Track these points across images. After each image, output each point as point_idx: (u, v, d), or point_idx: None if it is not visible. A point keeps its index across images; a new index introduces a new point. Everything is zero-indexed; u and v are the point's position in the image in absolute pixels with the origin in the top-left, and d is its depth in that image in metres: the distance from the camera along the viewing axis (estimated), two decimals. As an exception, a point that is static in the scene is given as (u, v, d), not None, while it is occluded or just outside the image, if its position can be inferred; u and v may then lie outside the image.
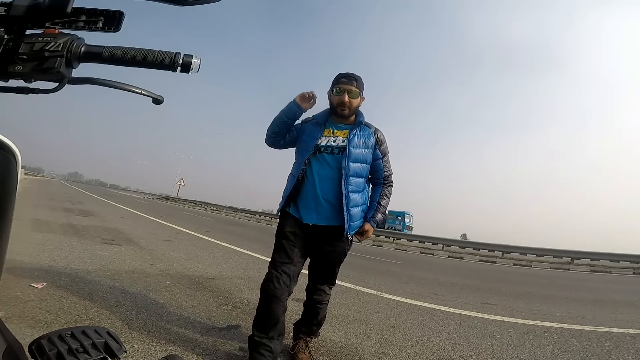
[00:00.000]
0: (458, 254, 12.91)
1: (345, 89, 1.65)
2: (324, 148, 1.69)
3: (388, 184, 1.83)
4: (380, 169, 1.79)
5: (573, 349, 2.56)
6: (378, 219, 1.77)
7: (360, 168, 1.70)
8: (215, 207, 30.52)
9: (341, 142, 1.69)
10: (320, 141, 1.70)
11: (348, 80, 1.66)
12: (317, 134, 1.71)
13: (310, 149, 1.68)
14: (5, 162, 0.49)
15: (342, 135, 1.71)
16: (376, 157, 1.76)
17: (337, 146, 1.69)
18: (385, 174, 1.81)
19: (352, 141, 1.68)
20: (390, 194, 1.84)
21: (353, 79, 1.66)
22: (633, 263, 12.12)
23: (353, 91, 1.66)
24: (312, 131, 1.74)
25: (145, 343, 1.81)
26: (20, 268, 2.87)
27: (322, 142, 1.70)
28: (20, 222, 5.28)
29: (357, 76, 1.68)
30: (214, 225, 11.44)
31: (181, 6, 0.52)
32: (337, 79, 1.68)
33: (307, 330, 1.88)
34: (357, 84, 1.67)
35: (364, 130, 1.73)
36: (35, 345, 0.51)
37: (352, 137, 1.68)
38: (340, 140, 1.70)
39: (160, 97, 0.54)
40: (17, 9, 0.48)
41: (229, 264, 4.49)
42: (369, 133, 1.74)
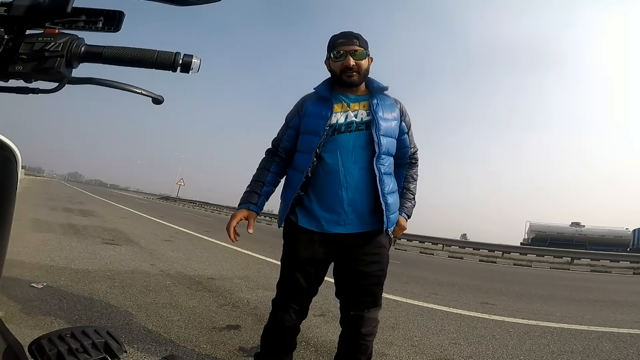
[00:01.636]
0: (458, 254, 12.90)
1: (347, 50, 1.29)
2: (345, 126, 1.31)
3: (414, 163, 1.53)
4: (407, 146, 1.46)
5: (573, 349, 2.56)
6: (408, 208, 1.46)
7: (391, 143, 1.37)
8: (215, 207, 30.51)
9: (366, 115, 1.32)
10: (333, 119, 1.31)
11: (347, 39, 1.30)
12: (326, 112, 1.32)
13: (321, 133, 1.29)
14: (5, 162, 0.49)
15: (361, 107, 1.34)
16: (402, 131, 1.43)
17: (360, 121, 1.32)
18: (411, 150, 1.49)
19: (378, 111, 1.32)
20: (417, 175, 1.54)
21: (353, 37, 1.31)
22: (633, 263, 12.12)
23: (358, 51, 1.30)
24: (317, 110, 1.35)
25: (145, 343, 1.81)
26: (20, 268, 2.87)
27: (338, 120, 1.32)
28: (20, 222, 5.28)
29: (357, 33, 1.33)
30: (214, 225, 11.44)
31: (181, 6, 0.52)
32: (333, 41, 1.32)
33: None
34: (359, 41, 1.31)
35: (385, 99, 1.39)
36: (35, 345, 0.51)
37: (375, 106, 1.33)
38: (364, 114, 1.33)
39: (160, 97, 0.54)
40: (17, 9, 0.48)
41: (229, 264, 4.49)
42: (391, 103, 1.40)
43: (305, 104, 1.40)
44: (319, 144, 1.29)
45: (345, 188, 1.28)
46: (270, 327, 1.41)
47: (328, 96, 1.35)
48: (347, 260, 1.33)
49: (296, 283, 1.34)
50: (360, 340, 1.35)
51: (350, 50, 1.29)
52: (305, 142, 1.34)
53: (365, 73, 1.35)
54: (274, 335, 1.40)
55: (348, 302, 1.36)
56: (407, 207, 1.46)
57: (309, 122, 1.36)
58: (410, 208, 1.47)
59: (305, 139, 1.35)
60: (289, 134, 1.42)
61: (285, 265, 1.38)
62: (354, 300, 1.35)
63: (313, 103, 1.38)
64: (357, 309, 1.34)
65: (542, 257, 13.48)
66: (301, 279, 1.33)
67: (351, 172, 1.28)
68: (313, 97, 1.41)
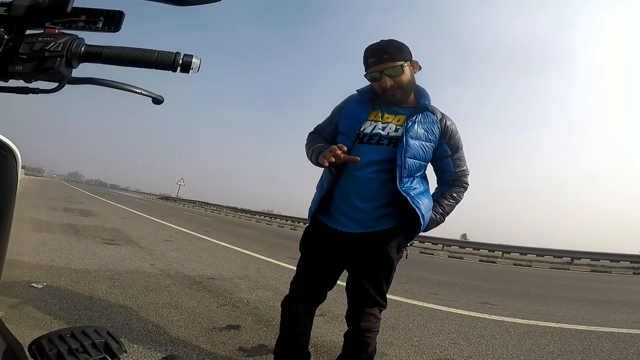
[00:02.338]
0: (458, 254, 12.90)
1: (380, 70, 1.21)
2: (368, 137, 1.26)
3: (460, 184, 1.42)
4: (450, 170, 1.38)
5: (573, 349, 2.56)
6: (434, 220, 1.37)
7: (418, 166, 1.28)
8: (215, 207, 30.52)
9: (393, 130, 1.25)
10: (363, 127, 1.27)
11: (377, 58, 1.21)
12: (362, 115, 1.28)
13: (352, 137, 1.27)
14: (5, 162, 0.49)
15: (395, 122, 1.27)
16: (444, 154, 1.34)
17: (386, 135, 1.25)
18: (457, 174, 1.39)
19: (411, 130, 1.23)
20: (459, 197, 1.42)
21: (383, 53, 1.20)
22: (633, 263, 12.11)
23: (391, 68, 1.20)
24: (355, 112, 1.30)
25: (145, 343, 1.81)
26: (20, 268, 2.87)
27: (365, 129, 1.27)
28: (20, 222, 5.28)
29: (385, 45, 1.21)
30: (214, 225, 11.44)
31: (181, 6, 0.52)
32: (365, 61, 1.25)
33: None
34: (390, 56, 1.20)
35: (428, 116, 1.28)
36: (35, 345, 0.51)
37: (410, 124, 1.24)
38: (393, 128, 1.26)
39: (160, 97, 0.54)
40: (17, 9, 0.48)
41: (229, 264, 4.49)
42: (433, 120, 1.29)
43: (349, 103, 1.37)
44: (350, 147, 1.25)
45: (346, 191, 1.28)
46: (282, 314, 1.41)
47: (368, 99, 1.32)
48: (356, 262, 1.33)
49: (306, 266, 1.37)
50: (360, 336, 1.34)
51: (382, 69, 1.21)
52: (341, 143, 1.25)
53: (409, 85, 1.27)
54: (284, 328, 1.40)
55: (352, 299, 1.38)
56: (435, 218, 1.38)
57: (345, 123, 1.34)
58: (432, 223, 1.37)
59: (341, 140, 1.30)
60: (331, 129, 1.42)
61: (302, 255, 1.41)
62: (356, 298, 1.36)
63: (355, 104, 1.35)
64: (357, 304, 1.36)
65: (542, 257, 13.46)
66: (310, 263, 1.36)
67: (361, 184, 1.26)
68: (357, 97, 1.36)
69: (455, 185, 1.42)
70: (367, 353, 1.37)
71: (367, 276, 1.31)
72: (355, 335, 1.36)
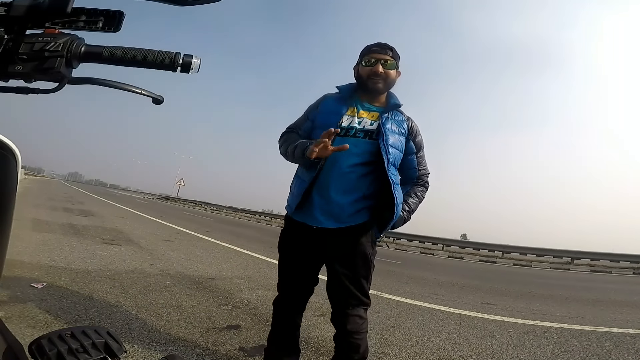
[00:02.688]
0: (458, 254, 12.90)
1: (378, 58, 1.32)
2: (345, 130, 1.33)
3: (422, 183, 1.49)
4: (414, 167, 1.46)
5: (573, 349, 2.56)
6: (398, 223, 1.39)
7: (398, 156, 1.37)
8: (215, 207, 30.52)
9: (368, 124, 1.34)
10: (341, 121, 1.34)
11: (381, 48, 1.34)
12: (342, 109, 1.36)
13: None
14: (5, 162, 0.49)
15: (369, 117, 1.36)
16: (409, 151, 1.42)
17: (362, 129, 1.33)
18: (420, 172, 1.47)
19: (387, 123, 1.34)
20: (422, 196, 1.49)
21: (387, 48, 1.35)
22: (633, 263, 12.11)
23: (389, 61, 1.33)
24: (333, 107, 1.39)
25: (145, 343, 1.81)
26: (20, 268, 2.87)
27: (342, 123, 1.34)
28: (20, 222, 5.28)
29: (391, 46, 1.36)
30: (214, 225, 11.44)
31: (181, 6, 0.52)
32: (367, 49, 1.36)
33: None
34: (392, 53, 1.35)
35: (397, 115, 1.40)
36: (35, 345, 0.51)
37: (385, 119, 1.34)
38: (368, 122, 1.34)
39: (160, 97, 0.54)
40: (17, 9, 0.48)
41: (229, 264, 4.49)
42: (402, 118, 1.40)
43: (327, 99, 1.45)
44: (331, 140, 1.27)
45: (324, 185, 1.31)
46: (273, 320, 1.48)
47: (347, 96, 1.40)
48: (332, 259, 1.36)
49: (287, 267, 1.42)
50: (349, 338, 1.37)
51: (382, 59, 1.33)
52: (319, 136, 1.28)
53: (391, 84, 1.38)
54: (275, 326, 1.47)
55: (334, 300, 1.40)
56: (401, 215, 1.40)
57: (324, 117, 1.39)
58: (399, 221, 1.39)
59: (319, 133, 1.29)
60: (307, 126, 1.46)
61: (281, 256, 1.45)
62: (338, 299, 1.38)
63: (334, 100, 1.42)
64: (340, 306, 1.38)
65: (542, 257, 13.46)
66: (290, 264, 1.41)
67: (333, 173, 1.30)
68: (335, 95, 1.45)
69: (418, 185, 1.49)
70: (359, 354, 1.38)
71: (347, 274, 1.34)
72: (345, 338, 1.37)
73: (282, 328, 1.45)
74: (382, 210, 1.33)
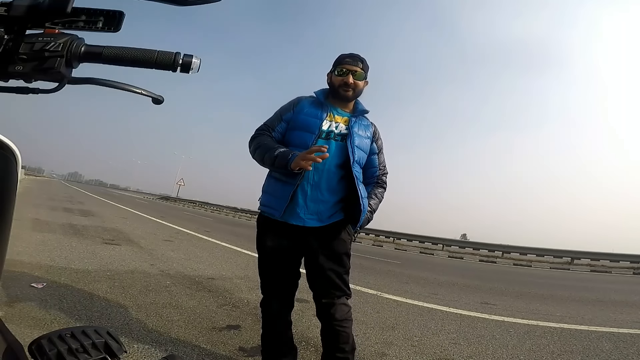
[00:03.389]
0: (458, 254, 12.91)
1: (349, 69, 1.45)
2: (326, 134, 1.44)
3: (381, 184, 1.61)
4: (375, 166, 1.59)
5: (573, 349, 2.56)
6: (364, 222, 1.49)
7: (363, 157, 1.52)
8: (215, 207, 30.51)
9: (343, 129, 1.48)
10: (323, 124, 1.45)
11: (353, 60, 1.47)
12: (321, 114, 1.47)
13: (315, 132, 1.41)
14: (5, 162, 0.49)
15: (342, 122, 1.49)
16: (372, 151, 1.57)
17: (339, 133, 1.46)
18: (379, 172, 1.60)
19: (354, 126, 1.49)
20: (381, 196, 1.60)
21: (358, 60, 1.48)
22: (633, 263, 12.11)
23: (358, 72, 1.47)
24: (313, 110, 1.48)
25: (145, 343, 1.81)
26: (20, 268, 2.87)
27: (325, 127, 1.45)
28: (20, 222, 5.28)
29: (362, 57, 1.49)
30: (214, 225, 11.44)
31: (181, 6, 0.52)
32: (341, 59, 1.48)
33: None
34: (362, 65, 1.48)
35: (363, 120, 1.56)
36: (35, 345, 0.51)
37: (353, 122, 1.50)
38: (342, 127, 1.48)
39: (160, 97, 0.54)
40: (17, 9, 0.48)
41: (229, 264, 4.49)
42: (367, 123, 1.57)
43: (302, 102, 1.52)
44: (313, 141, 1.40)
45: (311, 185, 1.40)
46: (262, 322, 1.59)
47: (324, 101, 1.51)
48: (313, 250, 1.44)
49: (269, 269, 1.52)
50: (337, 327, 1.45)
51: (353, 70, 1.46)
52: (300, 137, 1.43)
53: (359, 93, 1.52)
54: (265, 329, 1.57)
55: (320, 293, 1.48)
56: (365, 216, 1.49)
57: (303, 120, 1.46)
58: (366, 220, 1.50)
59: (300, 135, 1.44)
60: (281, 126, 1.51)
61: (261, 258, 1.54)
62: (324, 291, 1.47)
63: (310, 104, 1.51)
64: (327, 298, 1.47)
65: (542, 257, 13.46)
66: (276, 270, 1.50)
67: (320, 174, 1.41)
68: (309, 99, 1.54)
69: (378, 186, 1.61)
70: (349, 344, 1.48)
71: (332, 268, 1.45)
72: (334, 328, 1.46)
73: (274, 329, 1.51)
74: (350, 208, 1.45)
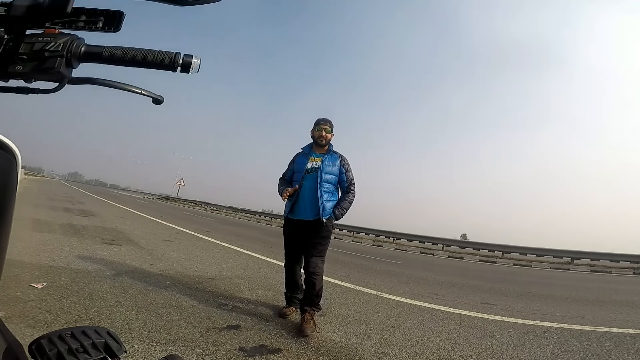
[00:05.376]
0: (458, 254, 12.91)
1: (323, 127, 2.60)
2: (309, 170, 2.59)
3: (349, 191, 2.63)
4: (344, 180, 2.64)
5: (573, 349, 2.56)
6: (336, 213, 2.55)
7: (330, 179, 2.57)
8: (215, 207, 30.52)
9: (318, 164, 2.59)
10: (307, 166, 2.59)
11: (324, 122, 2.62)
12: (305, 161, 2.62)
13: (303, 171, 2.59)
14: (5, 162, 0.49)
15: (318, 160, 2.60)
16: (341, 172, 2.63)
17: (316, 167, 2.59)
18: (347, 183, 2.64)
19: (324, 162, 2.59)
20: (351, 197, 2.62)
21: (327, 122, 2.62)
22: (633, 263, 12.12)
23: (327, 129, 2.62)
24: (302, 160, 2.65)
25: (145, 343, 1.81)
26: (20, 268, 2.87)
27: (308, 166, 2.59)
28: (20, 222, 5.28)
29: (329, 120, 2.63)
30: (214, 225, 11.45)
31: (181, 6, 0.52)
32: (318, 122, 2.62)
33: (310, 302, 2.43)
34: (329, 125, 2.62)
35: (332, 156, 2.64)
36: (35, 345, 0.51)
37: (324, 159, 2.59)
38: (318, 164, 2.59)
39: (160, 97, 0.54)
40: (17, 9, 0.48)
41: (229, 264, 4.49)
42: (335, 158, 2.63)
43: (298, 156, 2.72)
44: (302, 178, 2.58)
45: (309, 199, 2.54)
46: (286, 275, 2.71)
47: (307, 152, 2.67)
48: (308, 234, 2.53)
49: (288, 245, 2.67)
50: (310, 277, 2.44)
51: (325, 128, 2.62)
52: (297, 176, 2.64)
53: (329, 140, 2.66)
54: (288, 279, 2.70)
55: (306, 255, 2.52)
56: (335, 213, 2.55)
57: (297, 167, 2.66)
58: (338, 215, 2.56)
59: (297, 175, 2.65)
60: (289, 173, 2.74)
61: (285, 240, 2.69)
62: (309, 253, 2.50)
63: (300, 156, 2.70)
64: (308, 257, 2.49)
65: (542, 257, 13.47)
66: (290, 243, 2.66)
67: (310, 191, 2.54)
68: (300, 153, 2.72)
69: (348, 192, 2.63)
70: (315, 290, 2.44)
71: (314, 241, 2.51)
72: (308, 277, 2.45)
73: (292, 279, 2.67)
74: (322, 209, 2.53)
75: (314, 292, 2.41)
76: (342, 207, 2.56)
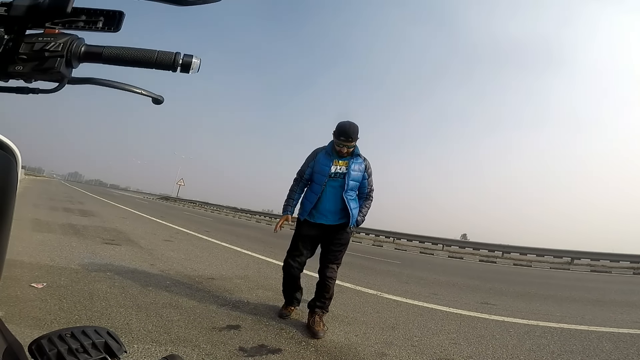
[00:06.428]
0: (458, 254, 12.91)
1: (345, 144, 2.37)
2: (334, 174, 2.45)
3: (369, 197, 2.58)
4: (366, 186, 2.55)
5: (573, 349, 2.56)
6: (359, 220, 2.51)
7: (354, 185, 2.48)
8: (215, 207, 30.52)
9: (344, 169, 2.45)
10: (331, 170, 2.44)
11: (346, 139, 2.35)
12: (330, 163, 2.45)
13: (327, 175, 2.44)
14: (5, 162, 0.49)
15: (344, 165, 2.46)
16: (364, 177, 2.51)
17: (341, 172, 2.45)
18: (368, 190, 2.56)
19: (351, 167, 2.44)
20: (369, 205, 2.58)
21: (350, 138, 2.35)
22: (633, 263, 12.11)
23: (351, 145, 2.39)
24: (325, 161, 2.47)
25: (145, 343, 1.81)
26: (20, 268, 2.87)
27: (332, 170, 2.44)
28: (20, 222, 5.28)
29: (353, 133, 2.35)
30: (214, 225, 11.45)
31: (181, 6, 0.52)
32: (338, 135, 2.36)
33: (321, 305, 2.43)
34: (353, 139, 2.37)
35: (358, 159, 2.48)
36: (35, 345, 0.51)
37: (351, 164, 2.45)
38: (344, 168, 2.45)
39: (160, 97, 0.54)
40: (17, 9, 0.48)
41: (229, 264, 4.49)
42: (361, 162, 2.48)
43: (319, 154, 2.53)
44: (325, 182, 2.44)
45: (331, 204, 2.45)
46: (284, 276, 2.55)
47: (331, 154, 2.47)
48: (327, 239, 2.49)
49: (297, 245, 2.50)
50: (326, 281, 2.43)
51: (348, 145, 2.38)
52: (318, 178, 2.48)
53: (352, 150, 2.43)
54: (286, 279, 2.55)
55: (324, 261, 2.48)
56: (358, 220, 2.50)
57: (319, 167, 2.48)
58: (360, 222, 2.51)
59: (318, 177, 2.48)
60: (308, 171, 2.54)
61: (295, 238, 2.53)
62: (326, 260, 2.47)
63: (323, 155, 2.50)
64: (326, 263, 2.46)
65: (542, 257, 13.46)
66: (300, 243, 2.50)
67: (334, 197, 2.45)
68: (323, 151, 2.52)
69: (367, 199, 2.57)
70: (329, 293, 2.44)
71: (335, 249, 2.47)
72: (323, 282, 2.43)
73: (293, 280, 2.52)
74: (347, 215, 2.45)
75: (327, 296, 2.43)
76: (363, 214, 2.51)
